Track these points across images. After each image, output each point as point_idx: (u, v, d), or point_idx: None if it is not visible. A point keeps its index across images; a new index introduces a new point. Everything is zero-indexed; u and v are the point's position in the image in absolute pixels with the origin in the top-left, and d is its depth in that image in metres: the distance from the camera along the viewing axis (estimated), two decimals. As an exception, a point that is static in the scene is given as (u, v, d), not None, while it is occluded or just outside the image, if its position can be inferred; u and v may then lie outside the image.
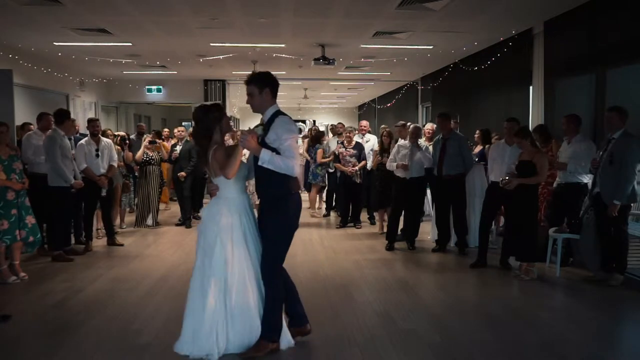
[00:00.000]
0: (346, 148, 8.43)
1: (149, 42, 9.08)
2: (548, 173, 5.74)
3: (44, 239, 6.76)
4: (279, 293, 3.61)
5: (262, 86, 3.58)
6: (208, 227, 3.64)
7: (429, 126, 8.08)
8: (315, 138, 9.61)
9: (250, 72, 3.69)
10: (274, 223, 3.56)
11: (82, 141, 6.96)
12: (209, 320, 3.52)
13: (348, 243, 7.49)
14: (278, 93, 3.68)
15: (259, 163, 3.45)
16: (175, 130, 9.80)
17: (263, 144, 3.51)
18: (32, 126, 7.28)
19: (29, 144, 6.72)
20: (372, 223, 8.92)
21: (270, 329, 3.60)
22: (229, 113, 15.25)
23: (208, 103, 3.65)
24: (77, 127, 8.17)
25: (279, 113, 3.61)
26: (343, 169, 8.39)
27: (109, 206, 7.39)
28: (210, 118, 3.67)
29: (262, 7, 6.91)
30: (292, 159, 3.47)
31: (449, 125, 6.91)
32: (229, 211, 3.61)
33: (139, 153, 8.60)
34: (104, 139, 7.21)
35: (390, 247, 7.04)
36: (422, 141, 7.47)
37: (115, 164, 7.33)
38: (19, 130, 7.71)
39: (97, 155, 6.93)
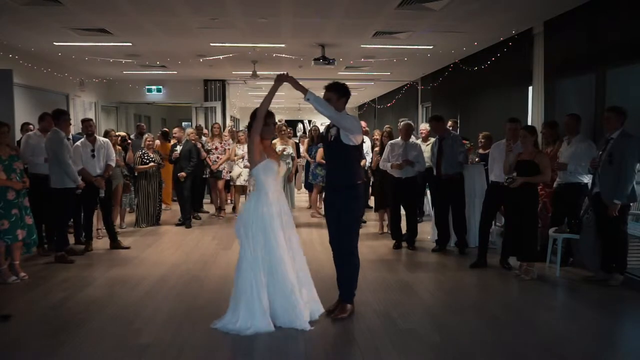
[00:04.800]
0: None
1: (149, 42, 9.08)
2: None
3: (43, 240, 6.77)
4: (358, 263, 4.42)
5: (340, 96, 4.29)
6: (252, 216, 4.08)
7: (423, 126, 8.08)
8: (319, 138, 9.59)
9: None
10: (354, 207, 4.32)
11: (78, 142, 6.88)
12: (263, 299, 3.99)
13: (348, 243, 7.47)
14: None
15: (305, 99, 4.11)
16: (174, 131, 9.83)
17: (337, 138, 4.23)
18: (31, 126, 7.27)
19: (28, 144, 6.70)
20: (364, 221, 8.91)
21: (352, 293, 4.41)
22: (228, 113, 15.26)
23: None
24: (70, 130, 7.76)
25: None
26: None
27: (108, 208, 7.20)
28: (268, 123, 4.21)
29: (262, 7, 6.91)
30: (340, 117, 4.19)
31: (443, 126, 6.92)
32: (269, 202, 4.09)
33: (139, 167, 8.63)
34: (100, 139, 7.10)
35: (397, 246, 7.09)
36: (419, 141, 7.47)
37: (113, 164, 7.16)
38: (22, 129, 7.64)
39: (93, 156, 6.85)
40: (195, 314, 4.50)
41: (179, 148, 9.03)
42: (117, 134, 8.68)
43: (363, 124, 9.63)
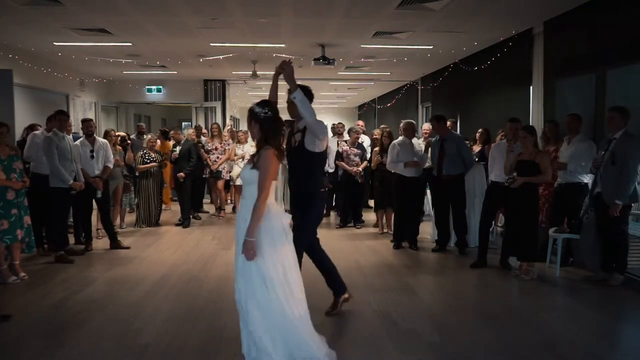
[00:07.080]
0: (350, 147, 8.43)
1: (149, 42, 9.07)
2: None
3: (43, 240, 6.77)
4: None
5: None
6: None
7: (426, 126, 8.08)
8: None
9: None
10: (312, 212, 4.21)
11: (77, 142, 6.89)
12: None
13: (348, 243, 7.49)
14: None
15: (292, 97, 3.89)
16: (171, 133, 9.85)
17: (301, 144, 4.10)
18: (39, 127, 7.27)
19: (33, 143, 6.71)
20: (362, 222, 8.92)
21: (339, 285, 4.46)
22: (228, 113, 15.24)
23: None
24: (70, 127, 7.55)
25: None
26: (348, 168, 8.35)
27: (107, 209, 7.21)
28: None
29: (262, 7, 6.90)
30: (316, 124, 4.00)
31: (445, 126, 6.90)
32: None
33: (140, 167, 8.63)
34: (100, 139, 7.12)
35: (397, 246, 7.08)
36: (420, 140, 7.45)
37: (111, 165, 7.18)
38: (29, 130, 7.55)
39: (92, 157, 6.86)
40: (195, 314, 4.50)
41: (178, 149, 9.05)
42: (117, 134, 8.68)
43: (361, 123, 9.67)
